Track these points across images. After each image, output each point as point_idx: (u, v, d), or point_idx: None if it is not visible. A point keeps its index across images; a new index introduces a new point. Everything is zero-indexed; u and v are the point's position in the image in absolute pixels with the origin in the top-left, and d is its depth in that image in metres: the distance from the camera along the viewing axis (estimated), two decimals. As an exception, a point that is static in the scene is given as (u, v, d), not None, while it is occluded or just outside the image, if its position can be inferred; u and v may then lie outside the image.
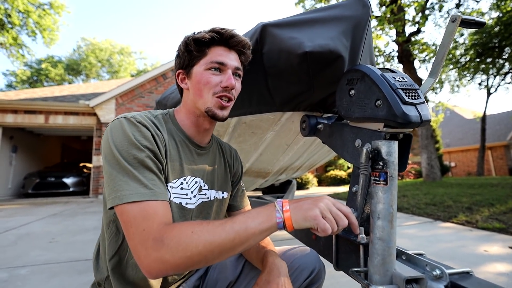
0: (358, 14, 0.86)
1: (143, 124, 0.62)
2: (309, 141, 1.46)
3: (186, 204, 0.68)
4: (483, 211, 3.54)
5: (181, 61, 0.73)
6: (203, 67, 0.69)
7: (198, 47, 0.69)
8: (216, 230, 0.52)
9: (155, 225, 0.53)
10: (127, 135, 0.59)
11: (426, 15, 7.64)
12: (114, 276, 0.67)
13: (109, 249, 0.68)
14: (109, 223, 0.68)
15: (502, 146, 15.23)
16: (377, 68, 0.70)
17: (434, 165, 7.85)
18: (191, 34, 0.71)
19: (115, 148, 0.58)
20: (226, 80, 0.69)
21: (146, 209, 0.54)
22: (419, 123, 0.60)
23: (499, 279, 1.65)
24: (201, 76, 0.69)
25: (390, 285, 0.55)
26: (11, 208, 5.63)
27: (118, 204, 0.54)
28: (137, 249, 0.52)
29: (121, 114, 0.65)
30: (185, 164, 0.70)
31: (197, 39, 0.68)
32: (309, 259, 0.77)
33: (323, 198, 0.57)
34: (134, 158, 0.57)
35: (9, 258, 2.23)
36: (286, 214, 0.54)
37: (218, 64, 0.69)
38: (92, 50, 26.41)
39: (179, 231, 0.52)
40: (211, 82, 0.69)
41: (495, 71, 10.89)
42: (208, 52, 0.70)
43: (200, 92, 0.70)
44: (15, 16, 8.90)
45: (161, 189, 0.59)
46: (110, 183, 0.56)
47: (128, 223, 0.53)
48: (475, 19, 0.68)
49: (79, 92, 9.65)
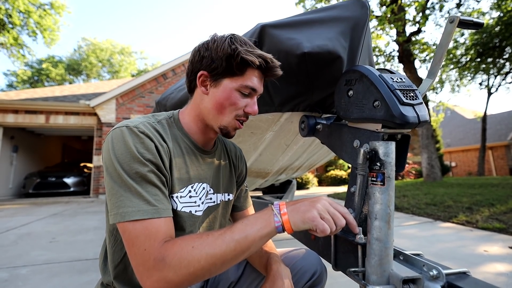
0: (357, 15, 0.86)
1: (146, 134, 0.59)
2: (308, 141, 1.47)
3: (195, 212, 0.67)
4: (484, 211, 3.54)
5: (213, 65, 0.65)
6: (236, 86, 0.65)
7: (242, 65, 0.64)
8: (217, 242, 0.52)
9: (156, 244, 0.52)
10: (129, 147, 0.56)
11: (426, 15, 7.63)
12: (119, 283, 0.66)
13: (114, 256, 0.67)
14: (112, 230, 0.67)
15: (503, 146, 15.20)
16: (376, 69, 0.70)
17: (434, 165, 7.84)
18: (237, 44, 0.64)
19: (116, 161, 0.56)
20: (251, 106, 0.68)
21: (148, 228, 0.53)
22: (416, 124, 0.60)
23: (499, 279, 1.65)
24: (230, 93, 0.66)
25: (387, 285, 0.55)
26: (12, 208, 5.65)
27: (120, 221, 0.53)
28: (139, 269, 0.51)
29: (123, 122, 0.62)
30: (192, 171, 0.69)
31: (245, 60, 0.62)
32: (310, 262, 0.77)
33: (320, 198, 0.56)
34: (136, 173, 0.55)
35: (10, 258, 2.23)
36: (284, 217, 0.54)
37: (251, 90, 0.67)
38: (93, 50, 26.44)
39: (180, 248, 0.51)
40: (238, 105, 0.67)
41: (496, 71, 10.87)
42: (246, 73, 0.65)
43: (223, 110, 0.67)
44: (16, 16, 8.92)
45: (165, 205, 0.57)
46: (112, 198, 0.55)
47: (130, 242, 0.53)
48: (473, 20, 0.68)
49: (79, 92, 9.66)
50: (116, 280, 0.66)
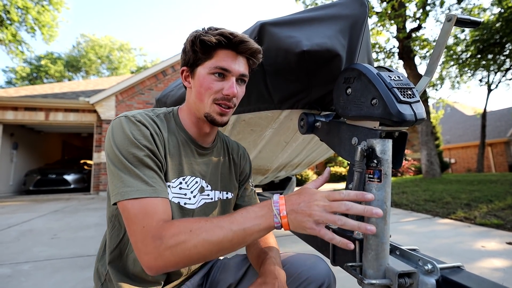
0: (356, 13, 0.87)
1: (142, 123, 0.63)
2: (308, 138, 1.47)
3: (185, 204, 0.68)
4: (482, 208, 3.56)
5: (186, 58, 0.69)
6: (207, 70, 0.66)
7: (204, 48, 0.65)
8: (215, 230, 0.53)
9: (154, 222, 0.54)
10: (127, 134, 0.60)
11: (427, 11, 7.59)
12: (113, 268, 0.69)
13: (110, 242, 0.70)
14: (111, 217, 0.70)
15: (502, 143, 15.23)
16: (374, 67, 0.71)
17: (433, 161, 7.86)
18: (200, 31, 0.66)
19: (115, 147, 0.59)
20: (228, 89, 0.66)
21: (146, 206, 0.55)
22: (413, 122, 0.61)
23: (495, 274, 1.67)
24: (203, 79, 0.67)
25: (383, 279, 0.56)
26: (13, 205, 5.67)
27: (120, 200, 0.56)
28: (138, 246, 0.54)
29: (123, 113, 0.65)
30: (185, 163, 0.70)
31: (203, 40, 0.64)
32: (318, 272, 0.71)
33: (318, 200, 0.53)
34: (134, 156, 0.59)
35: (12, 254, 2.26)
36: (283, 220, 0.53)
37: (222, 70, 0.66)
38: (92, 46, 26.31)
39: (178, 230, 0.53)
40: (212, 88, 0.66)
41: (496, 68, 10.84)
42: (214, 55, 0.65)
43: (201, 96, 0.68)
44: (14, 13, 8.86)
45: (162, 186, 0.60)
46: (114, 180, 0.58)
47: (130, 220, 0.55)
48: (470, 18, 0.68)
49: (79, 89, 9.64)
50: (111, 265, 0.69)
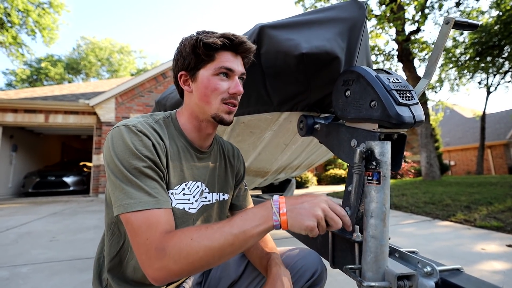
0: (354, 16, 0.87)
1: (143, 133, 0.62)
2: (307, 140, 1.48)
3: (189, 209, 0.69)
4: (482, 210, 3.56)
5: (185, 63, 0.70)
6: (211, 72, 0.68)
7: (207, 51, 0.66)
8: (215, 235, 0.53)
9: (157, 234, 0.54)
10: (128, 144, 0.59)
11: (425, 14, 7.64)
12: (113, 276, 0.69)
13: (110, 249, 0.69)
14: (111, 224, 0.70)
15: (502, 145, 15.24)
16: (373, 69, 0.71)
17: (433, 163, 7.86)
18: (199, 35, 0.68)
19: (116, 158, 0.58)
20: (235, 87, 0.68)
21: (149, 217, 0.55)
22: (412, 124, 0.61)
23: (495, 277, 1.67)
24: (208, 81, 0.68)
25: (382, 282, 0.56)
26: (11, 207, 5.65)
27: (123, 212, 0.56)
28: (142, 258, 0.54)
29: (122, 121, 0.64)
30: (186, 169, 0.71)
31: (207, 44, 0.65)
32: (311, 261, 0.77)
33: (319, 202, 0.56)
34: (135, 168, 0.58)
35: (11, 257, 2.25)
36: (282, 217, 0.54)
37: (227, 70, 0.68)
38: (92, 49, 26.35)
39: (179, 239, 0.53)
40: (219, 89, 0.68)
41: (495, 70, 10.88)
42: (216, 57, 0.68)
43: (207, 98, 0.68)
44: (15, 15, 8.88)
45: (164, 196, 0.60)
46: (115, 191, 0.58)
47: (133, 232, 0.55)
48: (468, 21, 0.69)
49: (79, 91, 9.65)
50: (110, 273, 0.69)
